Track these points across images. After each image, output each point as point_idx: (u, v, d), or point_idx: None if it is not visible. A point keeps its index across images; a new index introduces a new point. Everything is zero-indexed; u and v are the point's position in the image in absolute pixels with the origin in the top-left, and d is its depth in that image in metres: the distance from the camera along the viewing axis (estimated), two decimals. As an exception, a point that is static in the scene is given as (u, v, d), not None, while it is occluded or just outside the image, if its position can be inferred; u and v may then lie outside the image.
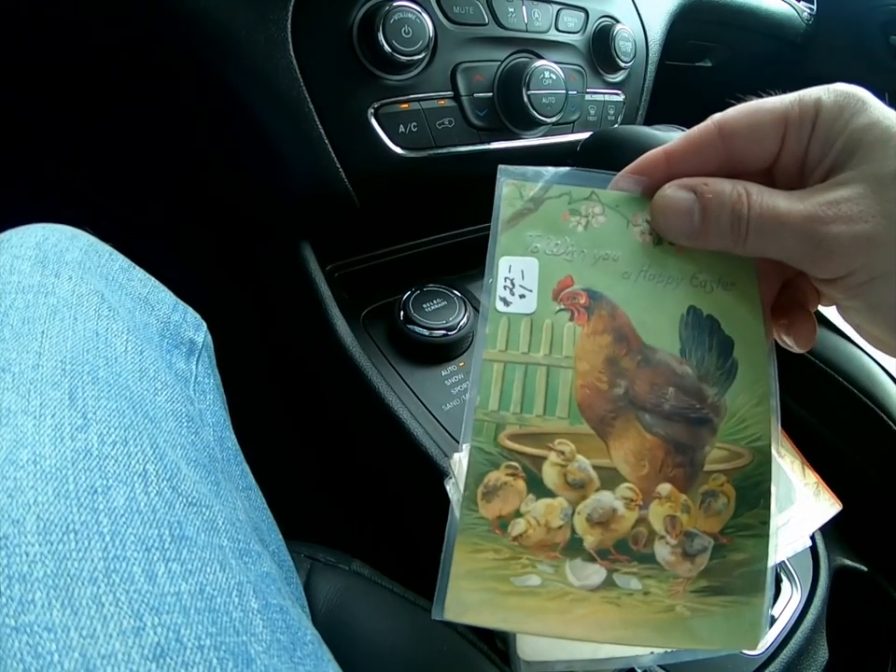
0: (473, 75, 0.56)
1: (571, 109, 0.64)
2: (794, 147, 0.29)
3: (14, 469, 0.24)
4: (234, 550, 0.29)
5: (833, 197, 0.26)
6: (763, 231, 0.27)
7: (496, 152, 0.60)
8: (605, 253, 0.30)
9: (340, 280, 0.67)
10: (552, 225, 0.30)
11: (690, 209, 0.29)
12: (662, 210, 0.30)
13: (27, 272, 0.34)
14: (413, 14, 0.50)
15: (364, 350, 0.58)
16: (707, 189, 0.28)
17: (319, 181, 0.55)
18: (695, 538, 0.29)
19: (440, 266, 0.70)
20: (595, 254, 0.30)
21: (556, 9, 0.62)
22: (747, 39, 1.07)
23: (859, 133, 0.27)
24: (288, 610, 0.29)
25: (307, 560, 0.47)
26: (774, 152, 0.29)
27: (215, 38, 0.49)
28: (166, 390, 0.35)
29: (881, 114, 0.27)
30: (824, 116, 0.28)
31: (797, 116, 0.28)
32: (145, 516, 0.26)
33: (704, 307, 0.30)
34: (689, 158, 0.30)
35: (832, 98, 0.28)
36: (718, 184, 0.29)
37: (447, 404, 0.57)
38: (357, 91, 0.51)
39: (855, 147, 0.27)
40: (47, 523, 0.23)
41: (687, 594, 0.28)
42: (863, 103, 0.27)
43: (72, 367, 0.30)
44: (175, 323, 0.42)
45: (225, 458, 0.40)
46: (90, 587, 0.23)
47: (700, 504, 0.29)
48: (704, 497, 0.29)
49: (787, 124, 0.28)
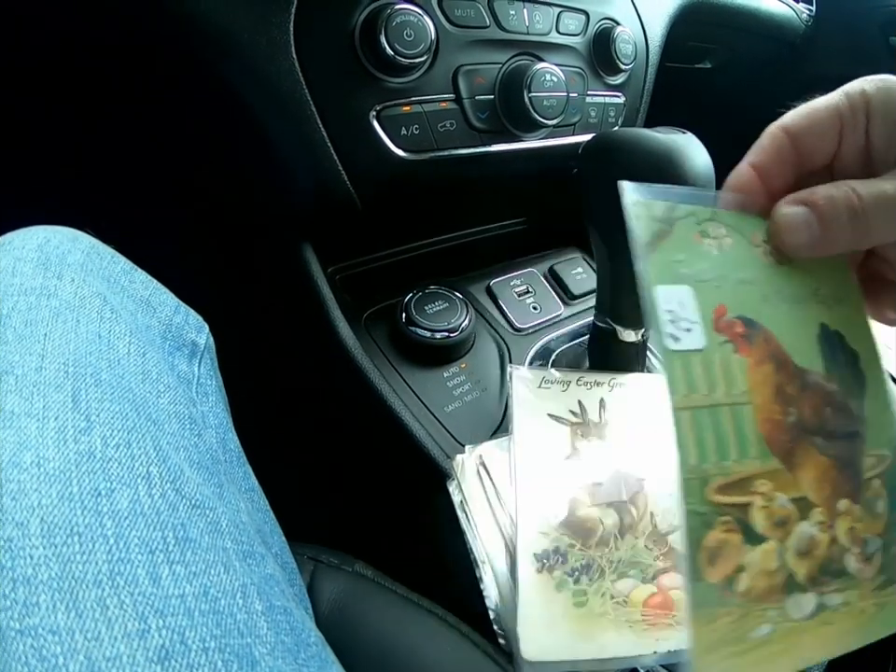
0: (475, 77, 0.57)
1: (572, 111, 0.64)
2: (854, 138, 0.31)
3: (18, 472, 0.24)
4: (238, 552, 0.29)
5: None
6: (880, 215, 0.29)
7: (497, 154, 0.61)
8: (742, 276, 0.29)
9: (341, 282, 0.67)
10: (689, 248, 0.29)
11: (807, 220, 0.30)
12: (784, 228, 0.30)
13: (29, 274, 0.34)
14: (415, 17, 0.50)
15: (366, 352, 0.58)
16: (817, 198, 0.30)
17: (321, 183, 0.55)
18: (869, 541, 0.29)
19: (441, 268, 0.70)
20: (735, 278, 0.29)
21: (557, 12, 0.62)
22: (746, 41, 1.07)
23: None
24: (292, 612, 0.30)
25: (310, 562, 0.47)
26: (835, 145, 0.31)
27: (216, 40, 0.49)
28: (169, 392, 0.35)
29: None
30: (875, 104, 0.30)
31: (847, 107, 0.30)
32: (149, 519, 0.26)
33: (830, 323, 0.30)
34: (773, 164, 0.32)
35: (874, 87, 0.31)
36: (823, 189, 0.30)
37: (449, 406, 0.57)
38: (359, 93, 0.52)
39: None
40: (51, 525, 0.24)
41: (872, 593, 0.29)
42: None
43: (75, 369, 0.30)
44: (177, 325, 0.42)
45: (227, 460, 0.40)
46: (94, 590, 0.23)
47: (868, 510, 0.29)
48: (868, 503, 0.29)
49: (840, 116, 0.31)
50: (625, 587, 0.42)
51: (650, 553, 0.44)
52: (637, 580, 0.42)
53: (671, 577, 0.43)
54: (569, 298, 0.73)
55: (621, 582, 0.42)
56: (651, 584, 0.42)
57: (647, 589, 0.42)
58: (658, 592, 0.42)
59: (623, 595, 0.41)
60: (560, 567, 0.42)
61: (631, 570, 0.43)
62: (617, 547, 0.43)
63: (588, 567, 0.42)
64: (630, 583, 0.42)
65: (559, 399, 0.50)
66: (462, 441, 0.54)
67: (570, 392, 0.50)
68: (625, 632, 0.40)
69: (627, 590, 0.42)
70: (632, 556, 0.43)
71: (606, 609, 0.41)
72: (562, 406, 0.50)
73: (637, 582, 0.42)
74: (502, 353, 0.64)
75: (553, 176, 0.66)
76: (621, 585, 0.42)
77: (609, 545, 0.43)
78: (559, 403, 0.50)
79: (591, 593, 0.41)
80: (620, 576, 0.42)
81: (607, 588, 0.41)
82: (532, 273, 0.74)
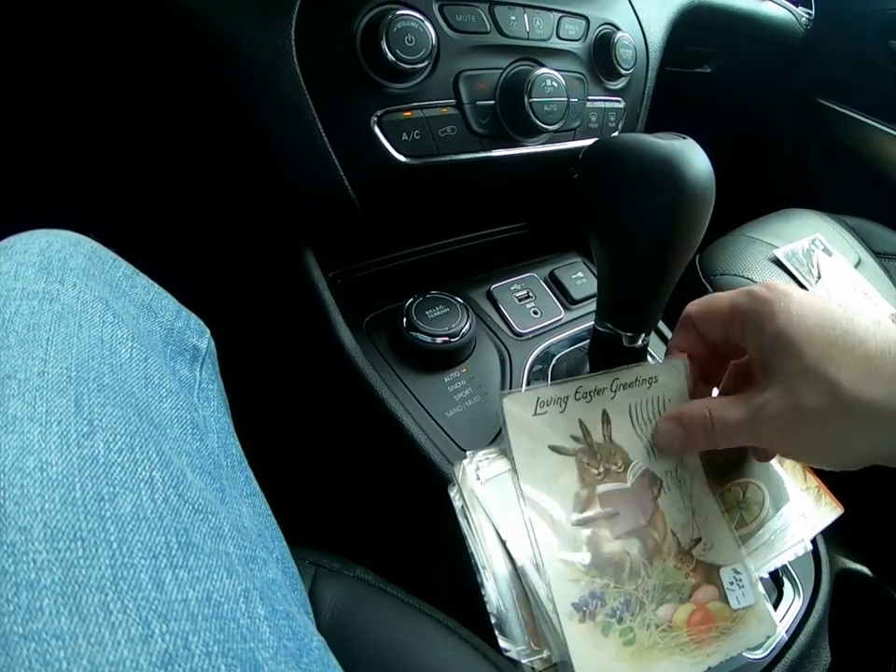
0: (475, 82, 0.57)
1: (573, 116, 0.64)
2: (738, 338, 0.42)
3: (21, 477, 0.24)
4: (240, 556, 0.29)
5: (760, 402, 0.38)
6: (724, 434, 0.41)
7: (498, 160, 0.61)
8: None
9: (342, 287, 0.67)
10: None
11: (678, 433, 0.44)
12: (663, 438, 0.46)
13: (31, 278, 0.34)
14: (416, 22, 0.50)
15: (367, 357, 0.58)
16: (683, 415, 0.44)
17: (322, 188, 0.55)
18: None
19: (442, 273, 0.71)
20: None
21: (557, 17, 0.63)
22: (746, 45, 1.07)
23: (771, 340, 0.38)
24: (294, 617, 0.30)
25: (312, 567, 0.47)
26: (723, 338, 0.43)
27: (218, 45, 0.49)
28: (171, 397, 0.35)
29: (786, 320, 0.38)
30: (748, 317, 0.40)
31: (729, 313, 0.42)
32: (151, 523, 0.26)
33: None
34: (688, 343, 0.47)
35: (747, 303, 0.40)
36: (688, 408, 0.44)
37: (450, 411, 0.57)
38: (360, 99, 0.52)
39: (771, 355, 0.38)
40: (54, 530, 0.24)
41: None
42: (773, 311, 0.38)
43: (77, 374, 0.30)
44: (179, 329, 0.42)
45: (229, 465, 0.40)
46: (97, 594, 0.23)
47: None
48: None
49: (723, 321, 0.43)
50: (667, 613, 0.42)
51: (679, 572, 0.44)
52: (675, 602, 0.43)
53: (705, 590, 0.43)
54: (570, 302, 0.73)
55: (662, 609, 0.42)
56: (690, 603, 0.43)
57: (686, 609, 0.43)
58: (697, 609, 0.43)
59: (667, 622, 0.42)
60: (601, 610, 0.41)
61: (668, 595, 0.43)
62: (648, 575, 0.43)
63: (627, 602, 0.42)
64: (671, 608, 0.42)
65: (558, 425, 0.47)
66: (463, 447, 0.54)
67: (569, 411, 0.47)
68: (678, 657, 0.41)
69: (669, 615, 0.42)
70: (665, 580, 0.43)
71: (654, 639, 0.41)
72: (562, 432, 0.47)
73: (676, 605, 0.43)
74: (503, 357, 0.64)
75: (553, 181, 0.66)
76: (662, 612, 0.42)
77: (640, 575, 0.43)
78: (559, 429, 0.47)
79: (636, 627, 0.41)
80: (659, 603, 0.42)
81: (650, 619, 0.42)
82: (532, 278, 0.74)
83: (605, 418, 0.47)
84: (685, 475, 0.47)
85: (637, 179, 0.43)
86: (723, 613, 0.43)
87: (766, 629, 0.43)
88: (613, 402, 0.47)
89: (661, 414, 0.47)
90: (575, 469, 0.45)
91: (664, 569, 0.44)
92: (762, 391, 0.38)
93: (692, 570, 0.44)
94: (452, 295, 0.64)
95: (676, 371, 0.47)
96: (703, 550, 0.45)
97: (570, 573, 0.42)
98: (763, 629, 0.43)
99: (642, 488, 0.46)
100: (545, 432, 0.46)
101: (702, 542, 0.45)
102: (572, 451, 0.46)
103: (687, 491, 0.46)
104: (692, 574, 0.44)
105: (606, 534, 0.44)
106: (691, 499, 0.46)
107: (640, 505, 0.45)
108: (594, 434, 0.47)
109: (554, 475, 0.45)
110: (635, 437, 0.47)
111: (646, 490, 0.46)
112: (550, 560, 0.42)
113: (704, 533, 0.45)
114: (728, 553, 0.45)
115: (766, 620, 0.44)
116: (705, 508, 0.46)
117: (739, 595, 0.44)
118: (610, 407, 0.47)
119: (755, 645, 0.43)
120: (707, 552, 0.45)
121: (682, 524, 0.45)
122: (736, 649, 0.42)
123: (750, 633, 0.43)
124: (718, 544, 0.45)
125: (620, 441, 0.47)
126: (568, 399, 0.47)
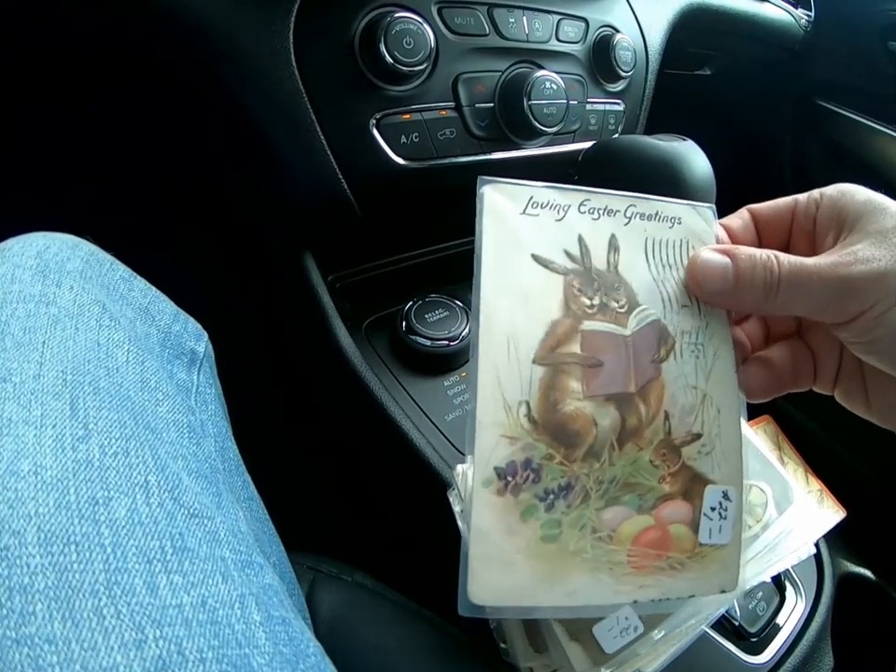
0: (474, 85, 0.57)
1: (572, 119, 0.64)
2: (804, 222, 0.35)
3: (15, 480, 0.24)
4: (236, 561, 0.29)
5: (849, 249, 0.31)
6: (792, 284, 0.31)
7: (497, 162, 0.61)
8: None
9: (342, 290, 0.67)
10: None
11: (724, 271, 0.32)
12: (700, 272, 0.33)
13: (28, 281, 0.34)
14: (415, 25, 0.50)
15: (366, 360, 0.58)
16: (740, 252, 0.32)
17: (321, 191, 0.55)
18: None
19: (441, 276, 0.70)
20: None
21: (557, 19, 0.63)
22: (745, 47, 1.07)
23: (858, 206, 0.33)
24: (291, 623, 0.29)
25: (309, 571, 0.46)
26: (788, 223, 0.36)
27: (217, 49, 0.49)
28: (167, 401, 0.35)
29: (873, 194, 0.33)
30: (826, 198, 0.34)
31: (804, 197, 0.35)
32: (146, 528, 0.26)
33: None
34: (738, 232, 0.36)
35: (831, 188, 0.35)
36: (746, 248, 0.33)
37: (449, 414, 0.57)
38: (359, 101, 0.52)
39: (857, 216, 0.32)
40: (48, 534, 0.23)
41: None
42: (855, 188, 0.34)
43: (73, 377, 0.30)
44: (176, 333, 0.42)
45: (226, 469, 0.40)
46: (91, 599, 0.23)
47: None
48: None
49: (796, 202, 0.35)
50: (614, 519, 0.32)
51: (654, 471, 0.33)
52: (631, 507, 0.32)
53: (674, 507, 0.33)
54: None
55: (608, 511, 0.32)
56: (648, 515, 0.32)
57: (640, 522, 0.32)
58: (655, 526, 0.33)
59: (609, 529, 0.32)
60: (530, 487, 0.30)
61: (625, 496, 0.32)
62: (612, 461, 0.32)
63: (568, 488, 0.31)
64: (620, 513, 0.32)
65: (550, 234, 0.33)
66: (462, 451, 0.54)
67: (568, 223, 0.33)
68: (602, 576, 0.31)
69: (616, 523, 0.32)
70: (629, 475, 0.32)
71: (583, 545, 0.31)
72: (554, 244, 0.33)
73: (630, 512, 0.32)
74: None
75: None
76: (608, 516, 0.32)
77: (600, 458, 0.32)
78: (550, 239, 0.33)
79: (566, 524, 0.31)
80: (609, 502, 0.32)
81: (589, 519, 0.31)
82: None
83: (613, 244, 0.34)
84: (707, 345, 0.34)
85: (638, 181, 0.43)
86: (683, 543, 0.33)
87: (725, 581, 0.34)
88: (626, 229, 0.35)
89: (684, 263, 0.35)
90: (561, 292, 0.32)
91: (634, 461, 0.32)
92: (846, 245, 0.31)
93: (670, 474, 0.33)
94: (451, 298, 0.64)
95: (703, 218, 0.36)
96: (697, 451, 0.34)
97: (507, 426, 0.30)
98: (722, 579, 0.34)
99: (644, 342, 0.33)
100: (531, 238, 0.33)
101: (700, 441, 0.34)
102: (562, 269, 0.33)
103: (704, 366, 0.34)
104: (668, 479, 0.33)
105: (574, 387, 0.32)
106: (706, 379, 0.34)
107: (635, 364, 0.33)
108: (595, 258, 0.34)
109: (529, 295, 0.32)
110: (649, 278, 0.34)
111: (649, 346, 0.33)
112: (486, 398, 0.30)
113: (708, 430, 0.34)
114: (727, 468, 0.34)
115: (730, 570, 0.34)
116: (721, 397, 0.35)
117: (714, 528, 0.34)
118: (621, 233, 0.35)
119: (701, 595, 0.34)
120: (701, 456, 0.34)
121: (684, 408, 0.34)
122: (677, 591, 0.33)
123: (705, 579, 0.34)
124: (720, 451, 0.34)
125: (628, 276, 0.34)
126: (570, 208, 0.34)
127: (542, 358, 0.31)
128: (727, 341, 0.35)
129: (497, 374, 0.30)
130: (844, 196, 0.33)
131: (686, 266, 0.34)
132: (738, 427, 0.35)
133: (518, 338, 0.31)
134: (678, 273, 0.34)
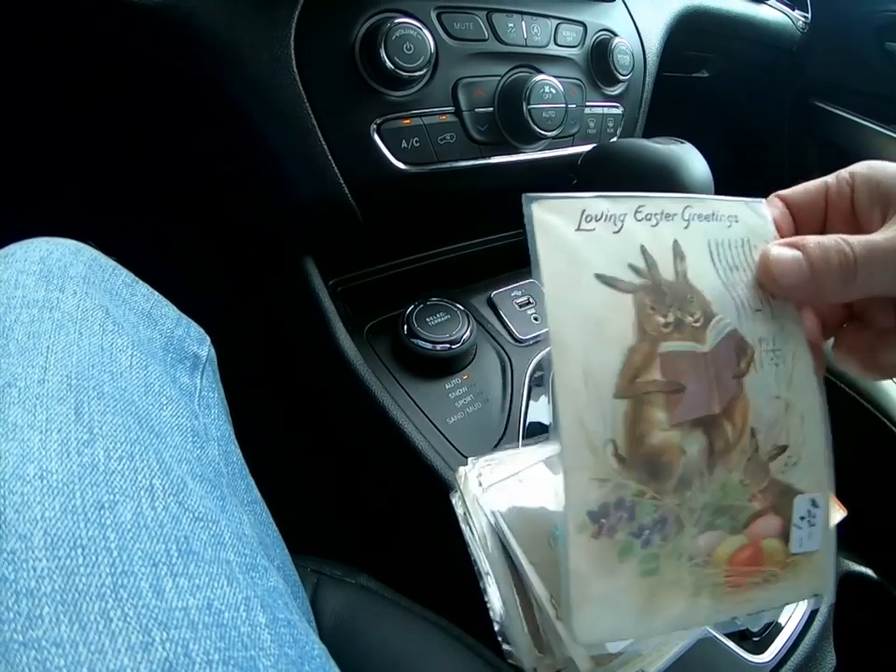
0: (474, 90, 0.57)
1: (571, 123, 0.64)
2: (840, 203, 0.33)
3: (21, 484, 0.24)
4: (241, 564, 0.29)
5: None
6: (868, 263, 0.29)
7: (497, 166, 0.61)
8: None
9: (343, 294, 0.67)
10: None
11: (798, 263, 0.31)
12: (775, 268, 0.31)
13: (32, 286, 0.34)
14: (415, 30, 0.50)
15: (368, 364, 0.58)
16: (808, 241, 0.31)
17: (322, 196, 0.55)
18: None
19: (442, 280, 0.71)
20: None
21: (555, 24, 0.63)
22: (743, 49, 1.08)
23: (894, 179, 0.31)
24: (296, 625, 0.29)
25: (313, 574, 0.46)
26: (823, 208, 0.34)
27: (219, 55, 0.49)
28: (171, 405, 0.35)
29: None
30: (858, 176, 0.33)
31: (833, 179, 0.33)
32: (152, 531, 0.26)
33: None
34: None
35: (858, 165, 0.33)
36: (813, 237, 0.31)
37: (451, 417, 0.57)
38: (360, 106, 0.52)
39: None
40: (54, 538, 0.24)
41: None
42: (884, 164, 0.32)
43: (77, 382, 0.30)
44: (179, 337, 0.42)
45: (230, 473, 0.40)
46: (97, 602, 0.23)
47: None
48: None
49: (827, 185, 0.34)
50: (709, 543, 0.30)
51: (744, 490, 0.31)
52: (724, 530, 0.31)
53: (766, 522, 0.31)
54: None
55: (704, 537, 0.30)
56: (742, 535, 0.31)
57: (735, 542, 0.31)
58: (749, 544, 0.31)
59: (706, 554, 0.30)
60: (624, 526, 0.29)
61: (718, 519, 0.31)
62: (703, 488, 0.30)
63: (663, 521, 0.30)
64: (714, 537, 0.30)
65: (611, 248, 0.30)
66: (465, 453, 0.54)
67: (627, 233, 0.31)
68: (702, 600, 0.30)
69: (711, 546, 0.30)
70: (721, 499, 0.31)
71: (681, 574, 0.30)
72: (616, 259, 0.30)
73: (724, 534, 0.31)
74: (504, 364, 0.64)
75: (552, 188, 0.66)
76: (703, 541, 0.30)
77: (691, 487, 0.30)
78: (611, 254, 0.30)
79: (663, 556, 0.30)
80: (702, 529, 0.30)
81: (685, 547, 0.30)
82: (533, 284, 0.74)
83: (678, 251, 0.32)
84: (785, 350, 0.32)
85: (636, 184, 0.43)
86: (776, 556, 0.32)
87: (818, 585, 0.33)
88: (687, 233, 0.32)
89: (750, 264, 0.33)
90: (632, 312, 0.30)
91: (724, 484, 0.31)
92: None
93: (760, 491, 0.31)
94: (452, 302, 0.64)
95: (757, 213, 0.34)
96: (784, 464, 0.32)
97: (596, 468, 0.28)
98: (814, 584, 0.33)
99: (724, 357, 0.31)
100: (591, 256, 0.30)
101: (786, 453, 0.32)
102: (631, 286, 0.30)
103: (785, 373, 0.32)
104: (758, 496, 0.31)
105: (659, 417, 0.30)
106: (788, 387, 0.32)
107: (717, 382, 0.31)
108: (662, 269, 0.31)
109: (600, 318, 0.29)
110: (718, 284, 0.32)
111: (729, 361, 0.31)
112: (570, 442, 0.28)
113: (793, 440, 0.32)
114: (813, 475, 0.33)
115: (823, 574, 0.33)
116: (804, 403, 0.33)
117: (805, 536, 0.32)
118: (683, 238, 0.32)
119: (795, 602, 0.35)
120: (788, 467, 0.32)
121: (769, 421, 0.32)
122: (774, 602, 0.33)
123: (798, 586, 0.33)
124: (806, 459, 0.32)
125: (699, 285, 0.31)
126: (626, 217, 0.31)
127: (624, 392, 0.29)
128: (802, 342, 0.33)
129: (580, 415, 0.28)
130: (877, 172, 0.32)
131: (755, 266, 0.32)
132: (821, 431, 0.33)
133: (594, 371, 0.29)
134: (746, 275, 0.32)
